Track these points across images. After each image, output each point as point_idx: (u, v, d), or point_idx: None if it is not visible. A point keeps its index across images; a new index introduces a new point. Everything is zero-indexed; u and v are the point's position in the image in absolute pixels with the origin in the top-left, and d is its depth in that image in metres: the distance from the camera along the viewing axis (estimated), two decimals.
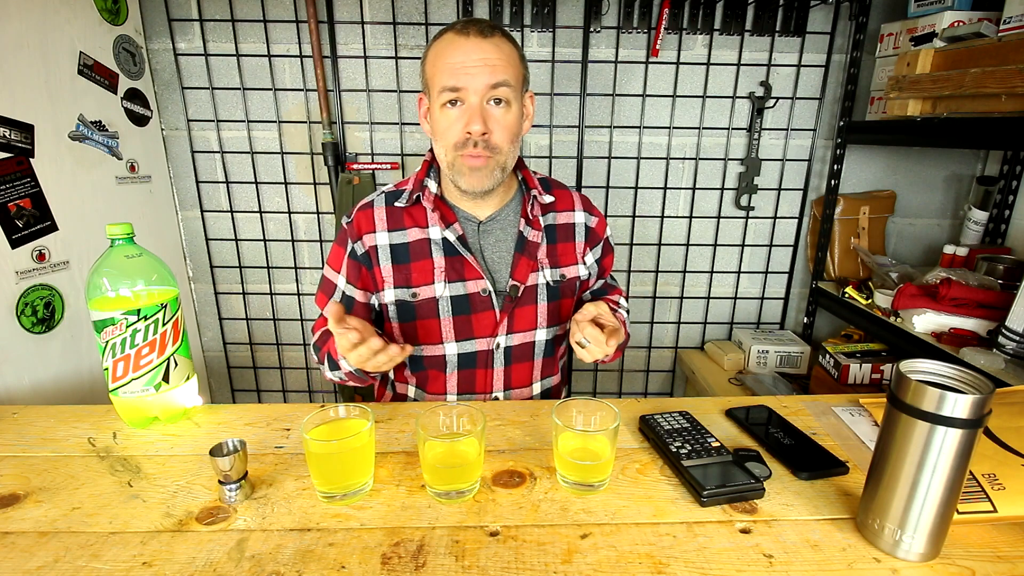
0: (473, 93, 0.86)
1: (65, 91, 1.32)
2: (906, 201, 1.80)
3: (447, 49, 0.86)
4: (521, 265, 0.97)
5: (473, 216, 0.98)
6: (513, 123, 0.90)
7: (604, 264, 1.10)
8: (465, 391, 1.01)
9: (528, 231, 0.98)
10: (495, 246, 0.99)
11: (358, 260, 0.97)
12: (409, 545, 0.61)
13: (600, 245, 1.08)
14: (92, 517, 0.65)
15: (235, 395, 1.96)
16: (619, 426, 0.69)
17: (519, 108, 0.92)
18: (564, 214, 1.04)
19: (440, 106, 0.88)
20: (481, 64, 0.84)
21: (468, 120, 0.87)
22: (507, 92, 0.87)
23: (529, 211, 0.99)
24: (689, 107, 1.70)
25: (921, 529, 0.57)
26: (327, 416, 0.73)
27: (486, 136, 0.87)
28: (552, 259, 1.01)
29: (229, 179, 1.73)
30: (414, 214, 0.97)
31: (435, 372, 1.01)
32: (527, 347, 1.01)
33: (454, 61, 0.85)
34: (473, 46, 0.85)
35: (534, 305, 0.99)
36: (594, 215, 1.07)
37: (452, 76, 0.85)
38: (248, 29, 1.60)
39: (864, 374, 1.52)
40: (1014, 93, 1.10)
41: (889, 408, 0.59)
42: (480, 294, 0.96)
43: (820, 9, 1.61)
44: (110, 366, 0.80)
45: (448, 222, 0.96)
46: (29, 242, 1.22)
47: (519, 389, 1.03)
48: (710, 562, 0.58)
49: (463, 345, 0.98)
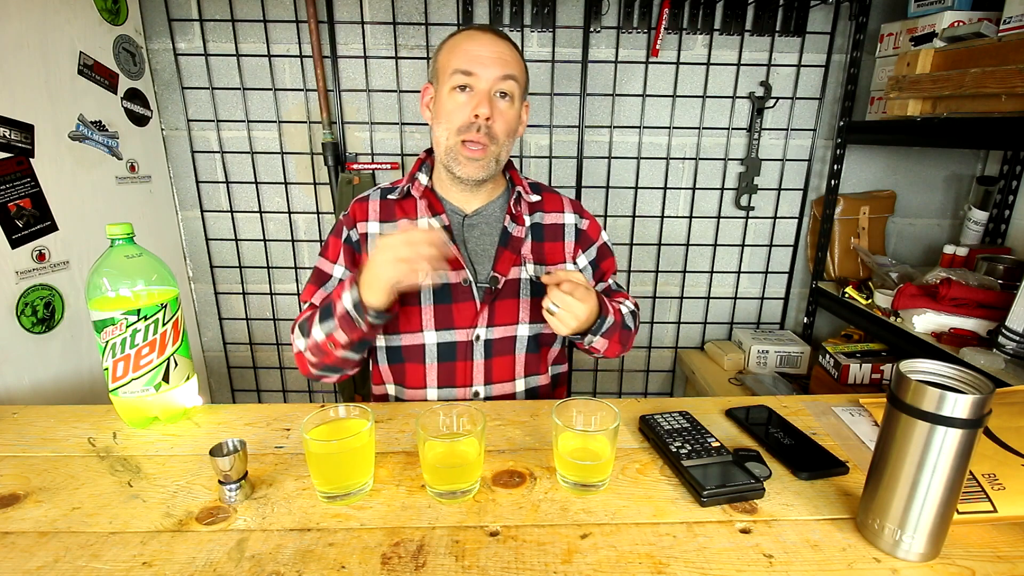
0: (484, 80, 0.92)
1: (65, 91, 1.32)
2: (906, 201, 1.80)
3: (464, 40, 0.94)
4: (503, 258, 1.00)
5: (460, 209, 1.03)
6: (513, 119, 0.97)
7: (603, 268, 1.10)
8: (445, 384, 1.01)
9: (512, 226, 1.02)
10: (479, 239, 1.02)
11: (352, 245, 1.01)
12: (409, 545, 0.61)
13: (595, 247, 1.09)
14: (92, 517, 0.65)
15: (235, 395, 1.96)
16: (619, 426, 0.69)
17: (519, 108, 0.99)
18: (552, 215, 1.07)
19: (449, 90, 0.94)
20: (495, 56, 0.92)
21: (476, 104, 0.92)
22: (513, 87, 0.95)
23: (513, 207, 1.02)
24: (689, 107, 1.70)
25: (921, 529, 0.57)
26: (327, 416, 0.73)
27: (489, 122, 0.93)
28: (537, 255, 1.03)
29: (229, 179, 1.73)
30: (405, 207, 1.02)
31: (413, 365, 1.01)
32: (508, 341, 1.01)
33: (471, 50, 0.93)
34: (489, 40, 0.93)
35: (516, 299, 1.00)
36: (585, 218, 1.09)
37: (467, 62, 0.92)
38: (248, 29, 1.60)
39: (864, 374, 1.52)
40: (1014, 93, 1.10)
41: (889, 408, 0.59)
42: (462, 284, 0.98)
43: (820, 9, 1.61)
44: (110, 366, 0.80)
45: (435, 212, 1.00)
46: (29, 242, 1.22)
47: (500, 384, 1.03)
48: (710, 562, 0.58)
49: (442, 335, 0.99)
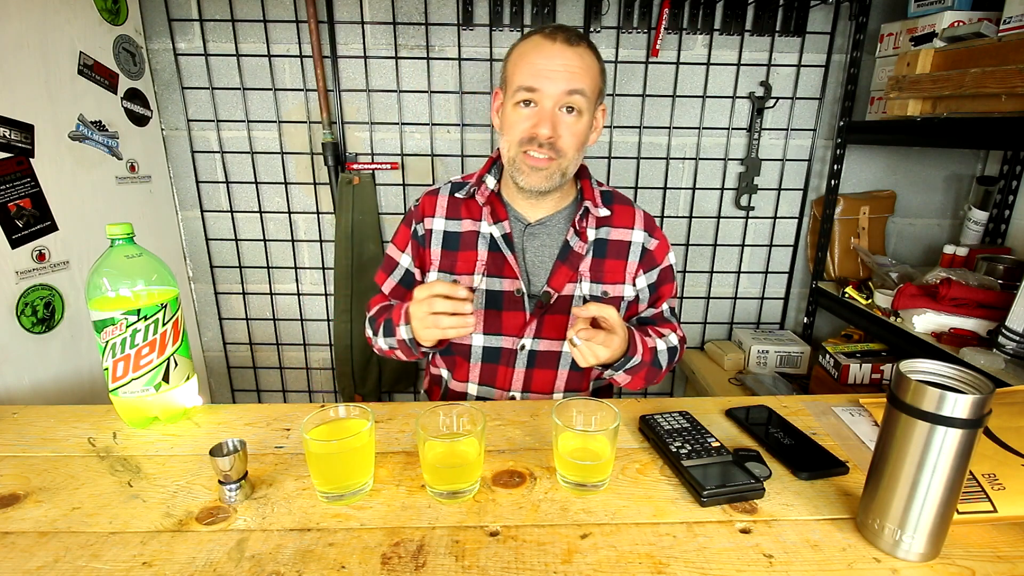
0: (548, 97, 0.88)
1: (65, 91, 1.32)
2: (906, 201, 1.80)
3: (531, 51, 0.89)
4: (559, 273, 0.97)
5: (524, 217, 1.00)
6: (582, 131, 0.92)
7: (660, 292, 1.05)
8: (486, 383, 1.03)
9: (574, 240, 0.98)
10: (539, 250, 1.00)
11: (418, 240, 1.01)
12: (409, 545, 0.61)
13: (657, 270, 1.04)
14: (92, 517, 0.65)
15: (235, 395, 1.96)
16: (619, 426, 0.69)
17: (590, 118, 0.93)
18: (620, 230, 1.01)
19: (514, 104, 0.91)
20: (561, 70, 0.87)
21: (538, 122, 0.89)
22: (580, 101, 0.89)
23: (578, 221, 0.98)
24: (689, 107, 1.70)
25: (921, 529, 0.57)
26: (327, 416, 0.73)
27: (552, 140, 0.89)
28: (596, 273, 0.99)
29: (229, 179, 1.73)
30: (471, 207, 1.00)
31: (461, 360, 1.03)
32: (552, 355, 1.00)
33: (536, 62, 0.88)
34: (557, 51, 0.87)
35: (566, 316, 0.98)
36: (655, 237, 1.04)
37: (531, 77, 0.88)
38: (248, 29, 1.60)
39: (864, 374, 1.52)
40: (1014, 93, 1.10)
41: (889, 408, 0.59)
42: (514, 294, 0.98)
43: (820, 9, 1.61)
44: (110, 366, 0.80)
45: (498, 218, 0.98)
46: (29, 242, 1.22)
47: (538, 394, 1.03)
48: (710, 562, 0.58)
49: (489, 339, 1.00)
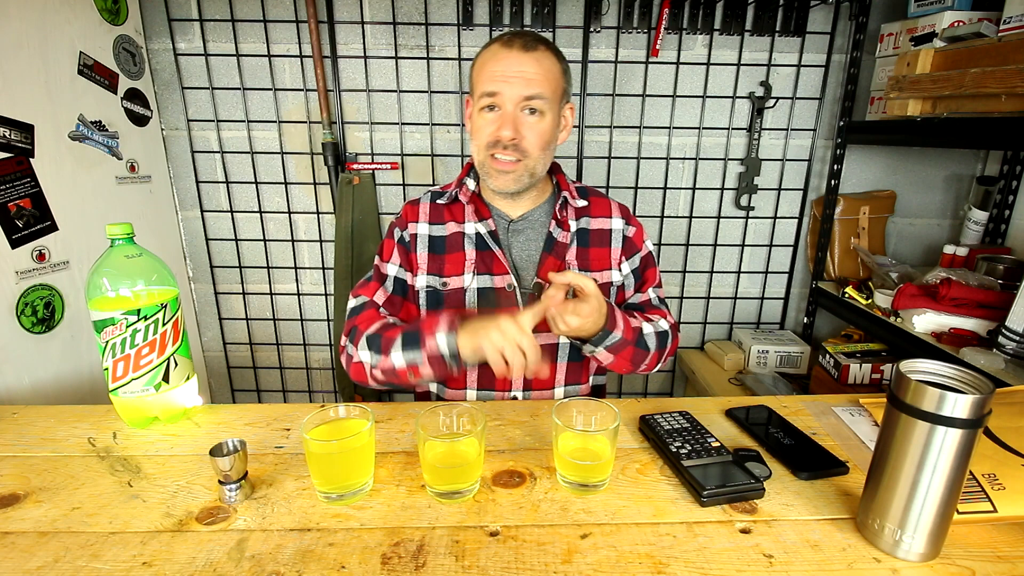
0: (508, 101, 0.91)
1: (65, 91, 1.32)
2: (906, 201, 1.80)
3: (490, 59, 0.93)
4: (548, 264, 1.00)
5: (505, 214, 1.03)
6: (546, 131, 0.95)
7: (645, 277, 1.07)
8: (485, 387, 1.02)
9: (557, 232, 1.01)
10: (524, 245, 1.02)
11: (404, 245, 1.03)
12: (409, 545, 0.61)
13: (638, 256, 1.06)
14: (92, 517, 0.65)
15: (235, 395, 1.96)
16: (619, 426, 0.69)
17: (554, 118, 0.96)
18: (599, 220, 1.05)
19: (479, 109, 0.95)
20: (518, 76, 0.90)
21: (500, 125, 0.92)
22: (540, 104, 0.92)
23: (559, 211, 1.02)
24: (689, 107, 1.70)
25: (921, 529, 0.57)
26: (327, 416, 0.73)
27: (515, 141, 0.92)
28: (583, 262, 1.02)
29: (229, 179, 1.73)
30: (453, 211, 1.03)
31: None
32: (550, 348, 1.01)
33: (495, 70, 0.91)
34: (513, 59, 0.91)
35: None
36: (632, 224, 1.07)
37: (491, 83, 0.92)
38: (248, 29, 1.60)
39: (864, 374, 1.52)
40: (1014, 93, 1.10)
41: (889, 408, 0.59)
42: (506, 289, 0.99)
43: (820, 9, 1.61)
44: (110, 366, 0.80)
45: (482, 217, 1.01)
46: (29, 242, 1.22)
47: (540, 391, 1.03)
48: (710, 562, 0.58)
49: None
